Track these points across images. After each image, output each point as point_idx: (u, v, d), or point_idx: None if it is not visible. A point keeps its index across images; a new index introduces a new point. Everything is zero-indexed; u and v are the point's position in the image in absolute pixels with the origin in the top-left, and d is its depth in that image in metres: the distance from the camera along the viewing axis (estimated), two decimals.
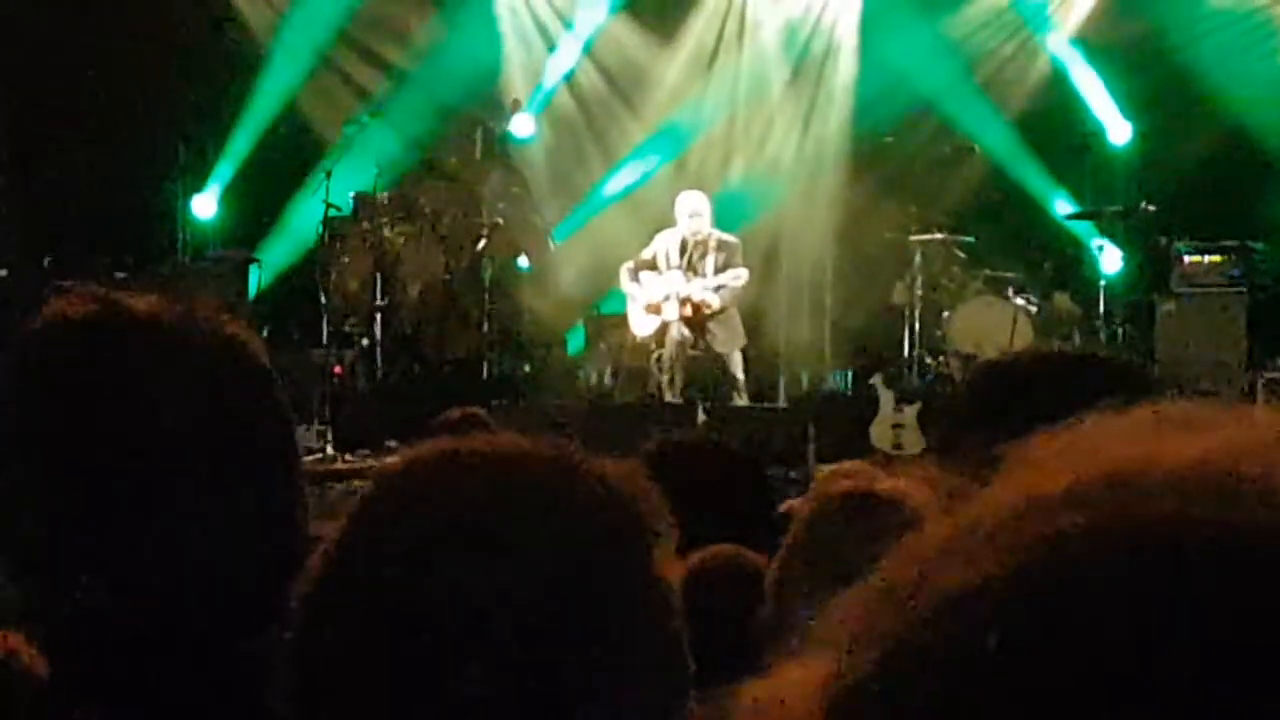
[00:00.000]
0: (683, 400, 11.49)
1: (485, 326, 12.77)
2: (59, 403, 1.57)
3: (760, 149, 14.01)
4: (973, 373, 2.54)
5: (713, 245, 11.67)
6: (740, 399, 11.75)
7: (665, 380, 11.68)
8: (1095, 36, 13.43)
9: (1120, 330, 12.14)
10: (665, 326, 11.69)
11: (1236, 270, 11.89)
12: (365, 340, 12.63)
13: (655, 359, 11.81)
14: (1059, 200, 13.22)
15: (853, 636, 0.65)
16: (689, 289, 11.61)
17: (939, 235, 12.46)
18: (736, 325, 11.78)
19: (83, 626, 1.56)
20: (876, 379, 11.82)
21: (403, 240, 12.87)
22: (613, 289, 12.82)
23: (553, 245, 13.63)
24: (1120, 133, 13.27)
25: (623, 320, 12.24)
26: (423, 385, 12.30)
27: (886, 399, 11.56)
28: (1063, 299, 12.41)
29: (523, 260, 13.39)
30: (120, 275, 11.51)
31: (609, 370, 12.55)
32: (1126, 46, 13.15)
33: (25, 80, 13.14)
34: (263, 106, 14.05)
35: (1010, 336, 11.49)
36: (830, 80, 14.01)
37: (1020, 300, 11.99)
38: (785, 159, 13.91)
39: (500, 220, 12.96)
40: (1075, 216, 12.71)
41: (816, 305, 13.35)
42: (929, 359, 12.23)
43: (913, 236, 12.42)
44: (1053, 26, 13.69)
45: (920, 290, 12.31)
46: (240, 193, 14.14)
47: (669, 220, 12.14)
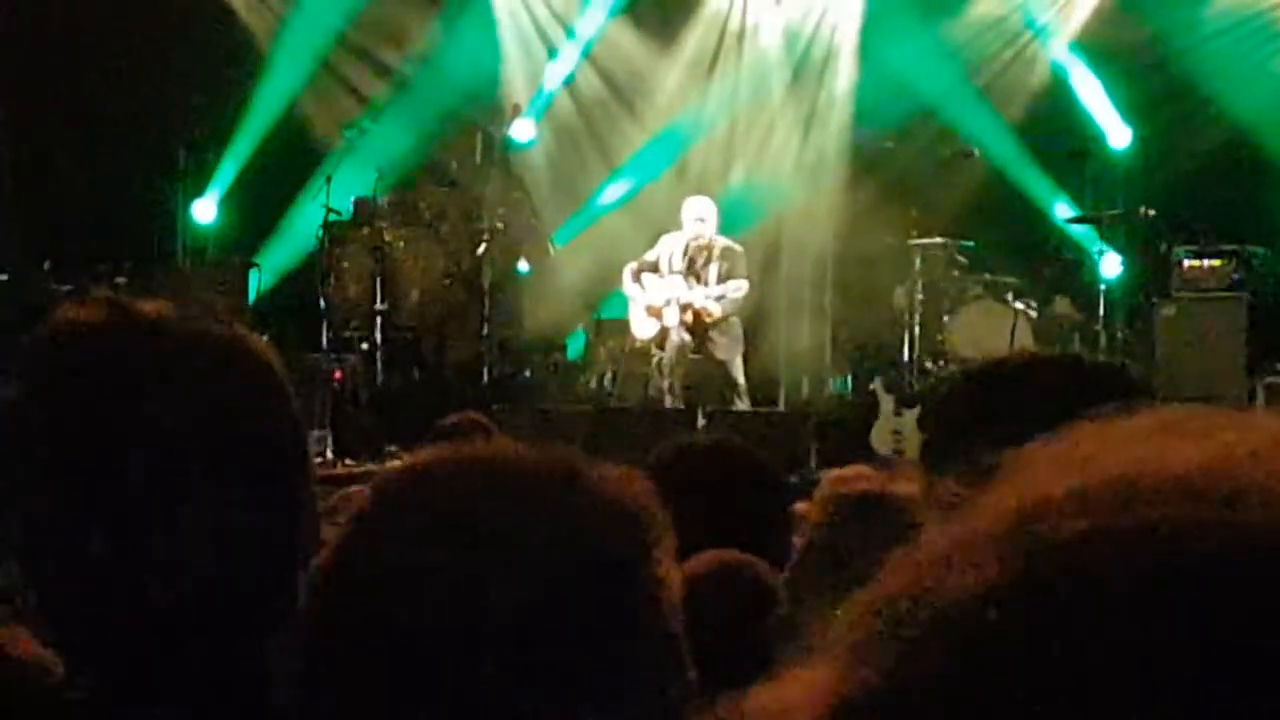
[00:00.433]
0: (683, 405, 11.49)
1: (485, 331, 12.76)
2: (70, 407, 1.57)
3: (760, 154, 14.02)
4: (959, 376, 2.55)
5: (717, 253, 11.67)
6: (742, 404, 11.75)
7: (666, 385, 11.68)
8: (1095, 41, 13.44)
9: (1120, 334, 12.15)
10: (666, 330, 11.70)
11: (1236, 275, 11.89)
12: (365, 345, 12.63)
13: (656, 364, 11.81)
14: (1059, 205, 13.23)
15: (857, 643, 0.65)
16: (690, 296, 11.61)
17: (939, 240, 12.46)
18: (737, 332, 11.78)
19: (93, 629, 1.56)
20: (877, 383, 11.83)
21: (403, 245, 12.88)
22: (613, 293, 12.82)
23: (553, 250, 13.63)
24: (1120, 137, 13.27)
25: (623, 325, 12.24)
26: (423, 390, 12.30)
27: (887, 403, 11.57)
28: (1063, 303, 12.42)
29: (523, 265, 13.39)
30: (120, 280, 11.51)
31: (609, 375, 12.54)
32: (1126, 51, 13.16)
33: (26, 85, 13.14)
34: (263, 111, 14.05)
35: (1010, 341, 11.50)
36: (830, 85, 14.01)
37: (1020, 305, 12.00)
38: (785, 164, 13.91)
39: (500, 225, 12.95)
40: (1075, 221, 12.72)
41: (817, 309, 13.35)
42: (929, 363, 12.23)
43: (913, 241, 12.43)
44: (1053, 31, 13.69)
45: (920, 294, 12.31)
46: (240, 197, 14.13)
47: (669, 225, 12.14)
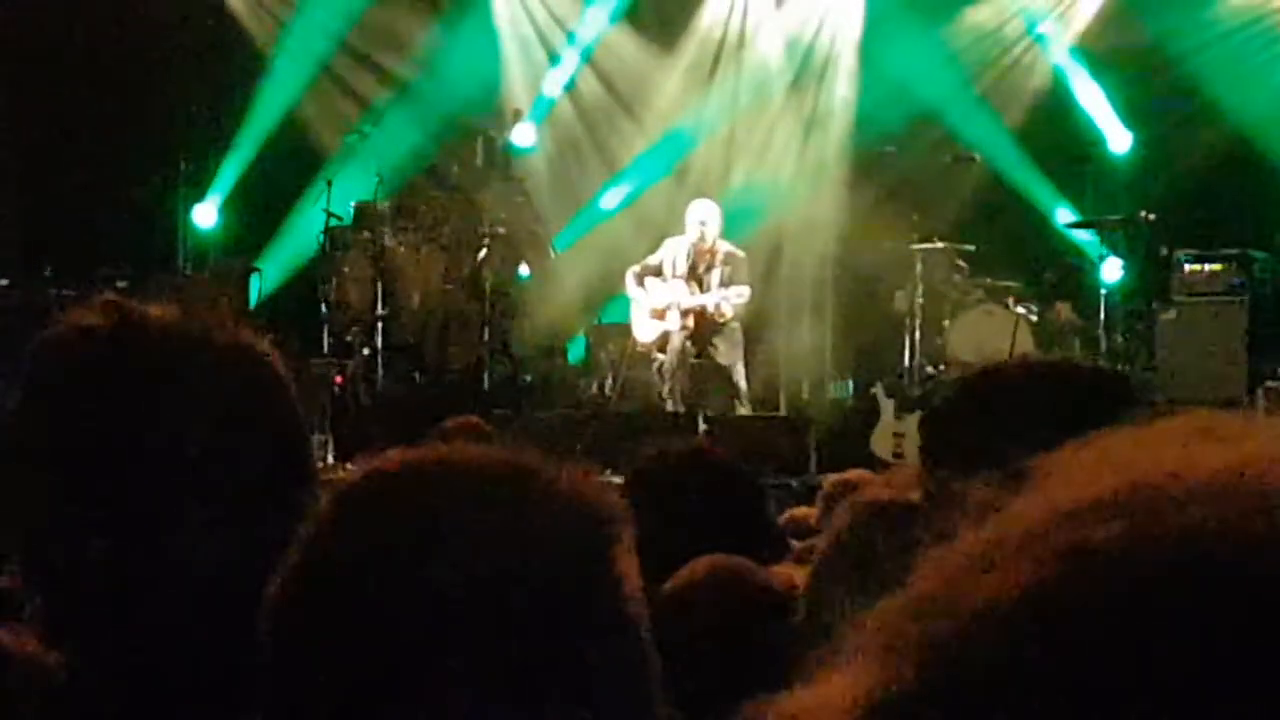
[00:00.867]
0: (684, 409, 11.49)
1: (486, 336, 12.76)
2: (76, 412, 1.57)
3: (761, 158, 14.02)
4: (958, 380, 2.56)
5: (720, 258, 11.67)
6: (743, 408, 11.75)
7: (667, 389, 11.69)
8: (1096, 46, 13.45)
9: (1121, 339, 12.14)
10: (667, 334, 11.70)
11: (1237, 279, 11.88)
12: (366, 350, 12.63)
13: (657, 368, 11.81)
14: (1060, 209, 13.23)
15: (888, 648, 0.65)
16: (692, 301, 11.61)
17: (940, 244, 12.45)
18: (738, 337, 11.79)
19: (95, 632, 1.56)
20: (878, 388, 11.83)
21: (404, 250, 12.88)
22: (614, 298, 12.83)
23: (554, 254, 13.63)
24: (1121, 142, 13.28)
25: (624, 329, 12.24)
26: (424, 395, 12.30)
27: (887, 408, 11.57)
28: (1063, 308, 12.42)
29: (524, 269, 13.39)
30: (121, 285, 11.51)
31: (610, 379, 12.55)
32: (1127, 56, 13.17)
33: (28, 89, 13.16)
34: (264, 116, 14.06)
35: (1011, 345, 11.49)
36: (831, 90, 14.02)
37: (1021, 309, 12.00)
38: (786, 168, 13.92)
39: (501, 230, 12.96)
40: (1076, 225, 12.72)
41: (818, 314, 13.35)
42: (930, 368, 12.23)
43: (914, 245, 12.42)
44: (1053, 36, 13.70)
45: (921, 299, 12.31)
46: (241, 202, 14.15)
47: (670, 229, 12.15)
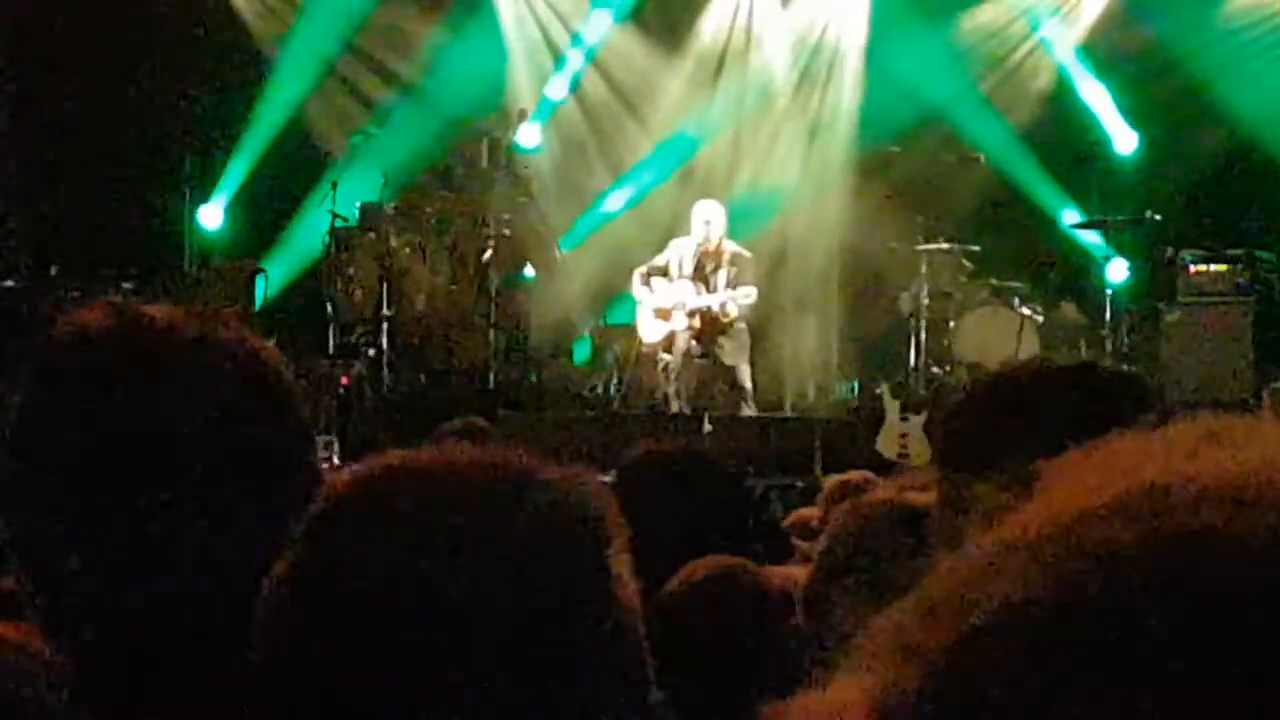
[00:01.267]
0: (690, 410, 11.49)
1: (492, 337, 12.76)
2: (79, 413, 1.57)
3: (767, 159, 14.02)
4: (973, 382, 2.55)
5: (726, 258, 11.67)
6: (749, 409, 11.75)
7: (672, 390, 11.68)
8: (1101, 46, 13.44)
9: (1126, 339, 12.13)
10: (673, 335, 11.69)
11: (1243, 279, 11.87)
12: (372, 351, 12.63)
13: (663, 369, 11.81)
14: (1065, 210, 13.22)
15: (900, 653, 0.65)
16: (698, 302, 11.61)
17: (945, 245, 12.45)
18: (744, 338, 11.78)
19: (98, 633, 1.57)
20: (883, 388, 11.82)
21: (409, 251, 12.88)
22: (619, 298, 12.83)
23: (559, 255, 13.63)
24: (1126, 142, 13.28)
25: (629, 330, 12.24)
26: (429, 396, 12.29)
27: (893, 408, 11.56)
28: (1069, 308, 12.42)
29: (529, 270, 13.39)
30: (127, 285, 11.53)
31: (616, 380, 12.55)
32: (1132, 56, 13.16)
33: (34, 91, 13.17)
34: (269, 117, 14.06)
35: (1016, 346, 11.49)
36: (836, 91, 14.02)
37: (1026, 310, 11.99)
38: (791, 169, 13.91)
39: (506, 230, 12.96)
40: (1081, 226, 12.71)
41: (823, 315, 13.34)
42: (935, 368, 12.22)
43: (919, 246, 12.41)
44: (1058, 36, 13.69)
45: (926, 300, 12.30)
46: (247, 203, 14.15)
47: (675, 230, 12.15)
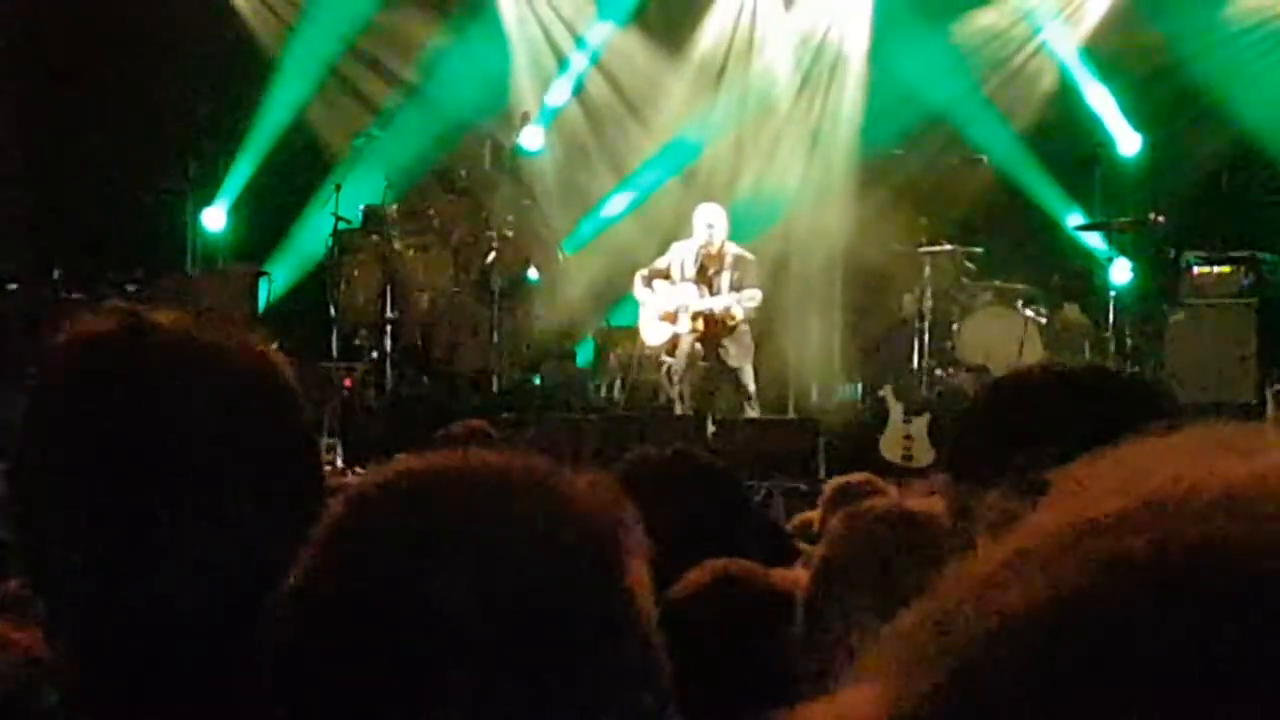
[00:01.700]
0: (693, 412, 11.49)
1: (495, 339, 12.77)
2: (83, 417, 1.57)
3: (769, 161, 14.02)
4: (984, 387, 2.54)
5: (729, 261, 11.67)
6: (752, 411, 11.75)
7: (675, 393, 11.69)
8: (1104, 47, 13.44)
9: (1130, 341, 12.13)
10: (676, 337, 11.70)
11: (1246, 281, 11.87)
12: (375, 353, 12.66)
13: (666, 371, 11.81)
14: (1068, 212, 13.21)
15: (910, 661, 0.65)
16: (702, 304, 11.61)
17: (948, 247, 12.45)
18: (747, 340, 11.78)
19: (101, 636, 1.57)
20: (886, 390, 11.83)
21: (412, 253, 12.90)
22: (622, 300, 12.84)
23: (562, 257, 13.65)
24: (1130, 144, 13.27)
25: (633, 332, 12.25)
26: (432, 398, 12.30)
27: (896, 410, 11.57)
28: (1072, 310, 12.41)
29: (532, 272, 13.40)
30: (130, 288, 11.53)
31: (619, 382, 12.55)
32: (1136, 57, 13.16)
33: (36, 94, 13.18)
34: (272, 120, 14.08)
35: (1020, 348, 11.50)
36: (839, 93, 14.02)
37: (1030, 312, 11.99)
38: (794, 171, 13.92)
39: (509, 233, 12.98)
40: (1085, 228, 12.70)
41: (826, 317, 13.35)
42: (938, 370, 12.22)
43: (922, 248, 12.41)
44: (1061, 38, 13.68)
45: (930, 302, 12.30)
46: (250, 206, 14.17)
47: (678, 233, 12.16)
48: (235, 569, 1.53)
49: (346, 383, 11.90)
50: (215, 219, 14.12)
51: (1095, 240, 12.73)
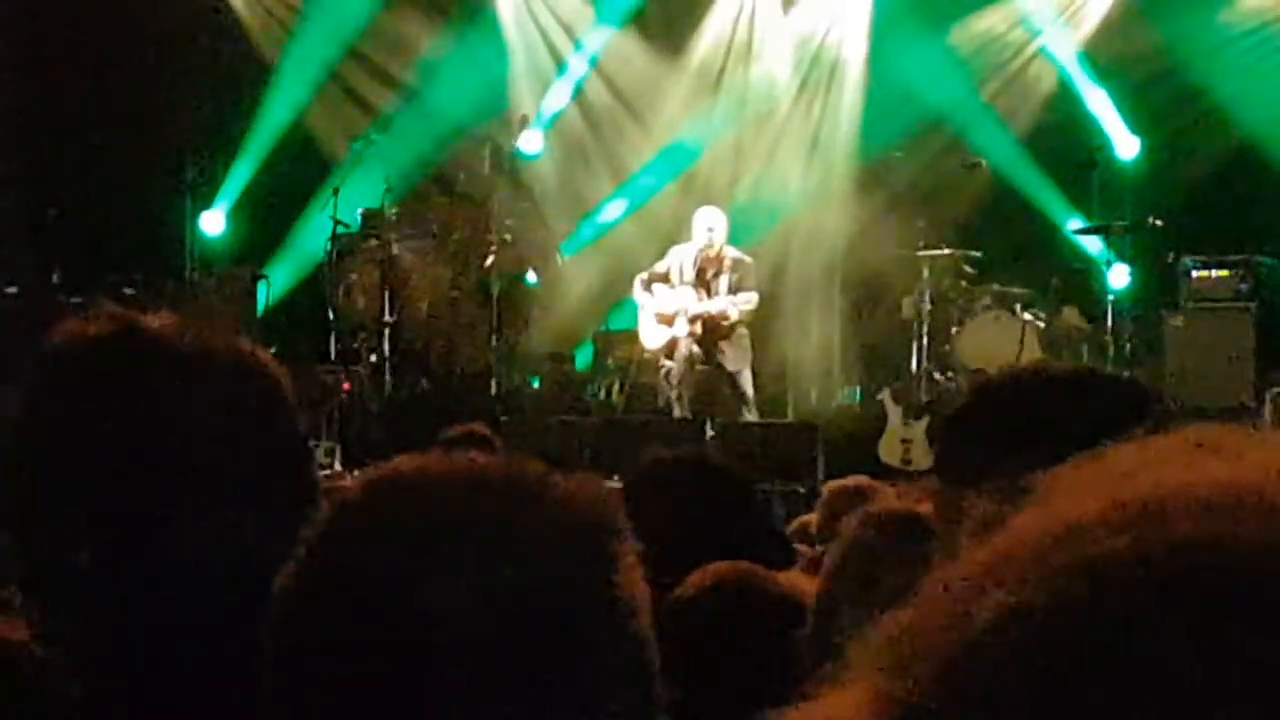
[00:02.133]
0: (691, 416, 11.49)
1: (493, 342, 12.77)
2: (76, 422, 1.57)
3: (768, 165, 14.01)
4: (973, 388, 2.53)
5: (727, 264, 11.67)
6: (750, 414, 11.75)
7: (674, 396, 11.68)
8: (1103, 51, 13.44)
9: (1128, 345, 12.13)
10: (675, 341, 11.69)
11: (1245, 285, 11.87)
12: (374, 357, 12.65)
13: (664, 374, 11.81)
14: (1067, 215, 13.21)
15: (893, 665, 0.65)
16: (700, 307, 11.61)
17: (947, 250, 12.46)
18: (746, 343, 11.78)
19: (95, 640, 1.57)
20: (885, 394, 11.83)
21: (411, 256, 12.90)
22: (621, 303, 12.84)
23: (561, 261, 13.64)
24: (1128, 147, 13.26)
25: (631, 336, 12.25)
26: (431, 401, 12.30)
27: (895, 414, 11.57)
28: (1071, 314, 12.40)
29: (531, 276, 13.39)
30: (129, 292, 11.53)
31: (618, 385, 12.55)
32: (1134, 61, 13.16)
33: (35, 96, 13.17)
34: (271, 123, 14.08)
35: (1018, 351, 11.49)
36: (838, 96, 14.02)
37: (1028, 315, 11.99)
38: (793, 174, 13.91)
39: (508, 236, 12.97)
40: (1083, 231, 12.70)
41: (825, 320, 13.34)
42: (937, 374, 12.22)
43: (921, 252, 12.42)
44: (1060, 42, 13.68)
45: (928, 305, 12.31)
46: (248, 209, 14.16)
47: (677, 236, 12.16)
48: (230, 571, 1.53)
49: (345, 386, 11.89)
50: (214, 222, 14.11)
51: (1094, 244, 12.73)
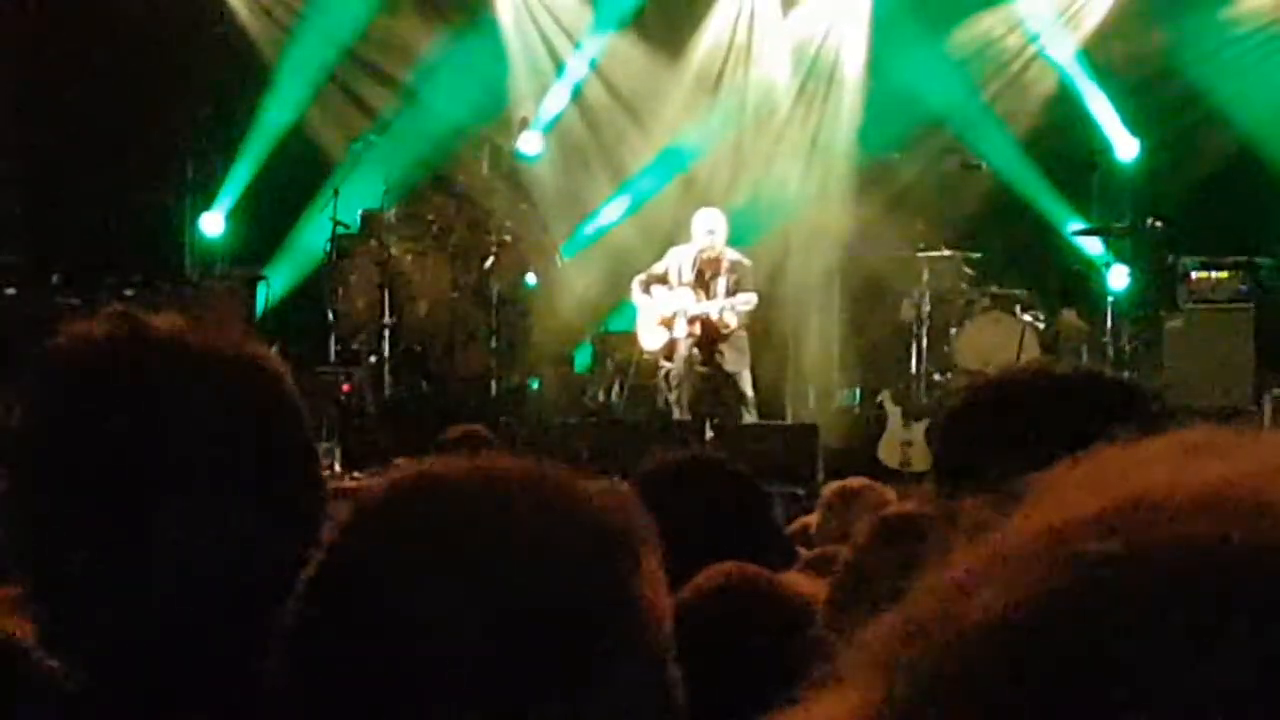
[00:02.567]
0: (691, 417, 11.48)
1: (493, 344, 12.77)
2: (81, 422, 1.57)
3: (768, 166, 14.01)
4: (969, 389, 2.51)
5: (725, 266, 11.67)
6: (749, 416, 11.74)
7: (673, 397, 11.68)
8: (1102, 53, 13.44)
9: (1128, 346, 12.13)
10: (674, 343, 11.69)
11: (1244, 286, 11.87)
12: (373, 358, 12.65)
13: (663, 376, 11.80)
14: (1066, 217, 13.21)
15: (884, 665, 0.65)
16: (699, 309, 11.61)
17: (947, 252, 12.46)
18: (745, 345, 11.78)
19: (100, 639, 1.56)
20: (884, 396, 11.83)
21: (410, 258, 12.89)
22: (620, 305, 12.83)
23: (560, 262, 13.63)
24: (1127, 149, 13.26)
25: (630, 337, 12.24)
26: (430, 403, 12.29)
27: (894, 416, 11.57)
28: (1070, 315, 12.41)
29: (530, 277, 13.39)
30: (128, 293, 11.52)
31: (617, 387, 12.54)
32: (1134, 63, 13.16)
33: (34, 98, 13.17)
34: (271, 124, 14.07)
35: (1018, 353, 11.49)
36: (837, 98, 14.01)
37: (1028, 317, 11.99)
38: (793, 176, 13.91)
39: (508, 237, 12.97)
40: (1083, 233, 12.70)
41: (824, 322, 13.34)
42: (937, 375, 12.22)
43: (920, 253, 12.42)
44: (1059, 43, 13.68)
45: (928, 307, 12.31)
46: (248, 210, 14.15)
47: (676, 237, 12.15)
48: (235, 571, 1.53)
49: (344, 387, 11.89)
50: (213, 223, 14.11)
51: (1093, 245, 12.73)
